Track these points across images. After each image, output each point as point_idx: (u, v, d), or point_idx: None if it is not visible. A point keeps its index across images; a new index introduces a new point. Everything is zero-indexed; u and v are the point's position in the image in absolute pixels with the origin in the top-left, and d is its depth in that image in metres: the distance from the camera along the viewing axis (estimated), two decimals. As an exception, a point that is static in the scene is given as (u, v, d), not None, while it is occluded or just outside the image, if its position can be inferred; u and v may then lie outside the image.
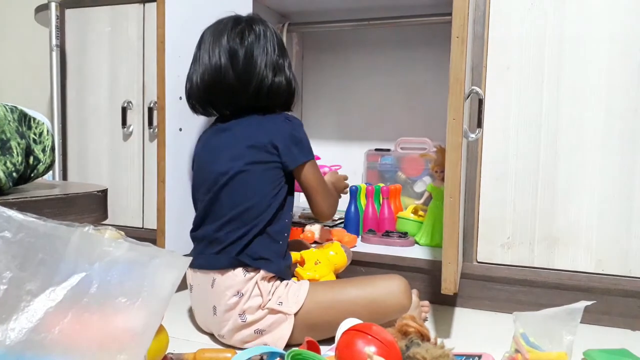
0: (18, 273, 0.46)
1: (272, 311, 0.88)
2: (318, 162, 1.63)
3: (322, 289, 0.92)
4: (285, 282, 0.93)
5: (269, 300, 0.89)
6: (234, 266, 0.90)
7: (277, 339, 0.88)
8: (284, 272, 0.94)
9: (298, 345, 0.87)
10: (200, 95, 0.98)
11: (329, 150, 1.77)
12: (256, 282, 0.89)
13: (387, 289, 0.91)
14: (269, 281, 0.91)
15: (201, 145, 1.03)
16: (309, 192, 0.99)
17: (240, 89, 0.95)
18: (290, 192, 0.99)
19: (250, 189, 0.92)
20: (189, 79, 1.00)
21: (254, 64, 0.95)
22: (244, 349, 0.90)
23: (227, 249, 0.91)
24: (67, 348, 0.46)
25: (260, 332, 0.89)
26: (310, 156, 0.97)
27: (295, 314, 0.88)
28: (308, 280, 0.98)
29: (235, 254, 0.90)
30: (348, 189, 1.25)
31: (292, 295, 0.90)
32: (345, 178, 1.21)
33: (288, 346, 0.89)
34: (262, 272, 0.90)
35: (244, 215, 0.91)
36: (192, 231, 0.99)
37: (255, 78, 0.94)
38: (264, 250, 0.91)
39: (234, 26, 0.97)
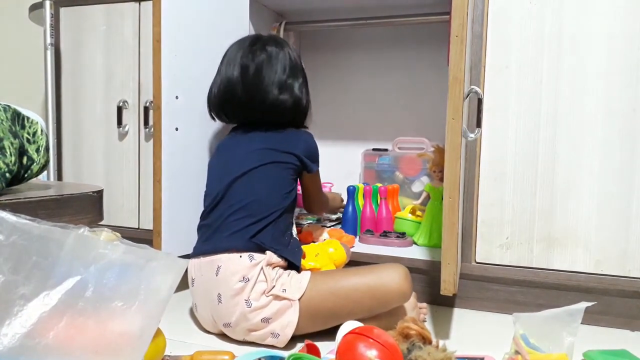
0: (11, 277, 0.45)
1: (277, 297, 0.89)
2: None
3: (324, 276, 0.94)
4: (287, 271, 0.94)
5: (273, 287, 0.90)
6: (242, 250, 0.92)
7: (285, 325, 0.89)
8: (295, 259, 0.96)
9: (301, 339, 0.87)
10: (216, 104, 1.09)
11: (326, 150, 1.76)
12: (261, 268, 0.91)
13: (388, 275, 0.92)
14: (273, 268, 0.92)
15: (218, 148, 1.09)
16: (311, 195, 1.15)
17: (247, 102, 1.04)
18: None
19: (266, 182, 0.98)
20: (210, 88, 1.10)
21: (261, 80, 1.03)
22: (250, 341, 0.91)
23: (238, 233, 0.94)
24: (62, 353, 0.45)
25: (267, 321, 0.89)
26: (318, 166, 1.09)
27: (299, 300, 0.89)
28: (310, 270, 0.99)
29: (245, 239, 0.93)
30: (343, 207, 1.42)
31: (294, 282, 0.91)
32: (342, 199, 1.41)
33: (293, 338, 0.90)
34: (267, 258, 0.92)
35: (256, 205, 0.96)
36: (200, 221, 1.03)
37: (259, 93, 1.02)
38: (273, 241, 0.95)
39: (251, 45, 1.06)
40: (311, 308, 0.90)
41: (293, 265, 0.97)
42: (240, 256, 0.91)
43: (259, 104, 1.03)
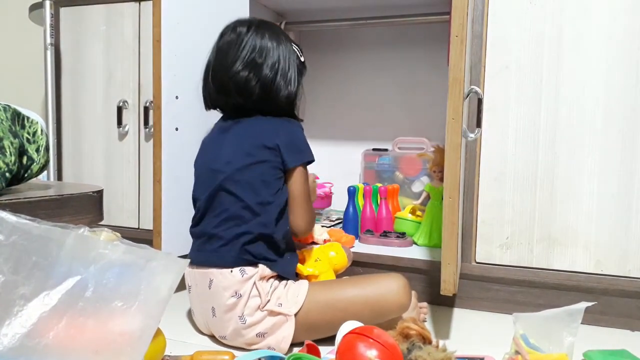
0: (11, 277, 0.45)
1: (272, 313, 0.88)
2: (316, 181, 1.60)
3: (321, 288, 0.92)
4: (284, 282, 0.92)
5: (268, 301, 0.88)
6: (232, 265, 0.89)
7: (280, 340, 0.88)
8: (287, 272, 0.93)
9: (298, 345, 0.87)
10: (202, 91, 1.04)
11: (326, 150, 1.76)
12: (254, 283, 0.88)
13: (387, 287, 0.90)
14: (267, 281, 0.90)
15: (202, 145, 1.04)
16: (293, 201, 0.96)
17: (212, 82, 0.99)
18: None
19: (250, 186, 0.92)
20: None
21: (226, 58, 0.97)
22: (246, 349, 0.90)
23: (227, 246, 0.90)
24: (62, 353, 0.45)
25: (262, 335, 0.88)
26: (308, 158, 0.97)
27: (295, 315, 0.88)
28: (308, 275, 0.98)
29: (235, 253, 0.89)
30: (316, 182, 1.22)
31: (291, 295, 0.89)
32: (314, 178, 1.18)
33: (289, 346, 0.89)
34: (260, 272, 0.89)
35: (244, 212, 0.91)
36: (191, 227, 0.99)
37: (223, 70, 0.97)
38: (265, 250, 0.91)
39: (226, 27, 1.01)
40: (308, 321, 0.88)
41: None
42: (232, 271, 0.88)
43: (222, 83, 0.97)
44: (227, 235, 0.90)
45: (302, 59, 1.04)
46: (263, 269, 0.90)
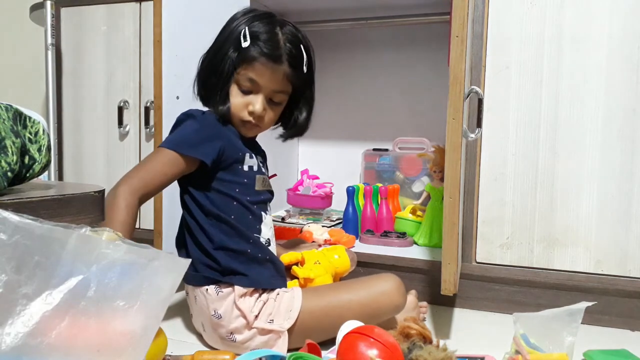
0: (13, 276, 0.45)
1: (263, 331, 0.84)
2: (316, 181, 1.60)
3: (315, 297, 0.88)
4: (275, 292, 0.87)
5: (256, 318, 0.84)
6: (204, 283, 0.85)
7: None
8: (265, 283, 0.87)
9: (295, 349, 0.87)
10: None
11: (326, 150, 1.77)
12: (234, 302, 0.83)
13: (380, 289, 0.88)
14: (250, 296, 0.85)
15: None
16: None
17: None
18: (217, 191, 0.87)
19: (181, 202, 0.90)
20: None
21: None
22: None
23: (194, 263, 0.86)
24: (65, 352, 0.45)
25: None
26: (165, 144, 0.84)
27: (289, 329, 0.84)
28: (303, 278, 0.96)
29: (200, 272, 0.86)
30: None
31: (284, 309, 0.85)
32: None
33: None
34: (236, 291, 0.84)
35: (190, 231, 0.88)
36: None
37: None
38: (232, 262, 0.85)
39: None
40: (303, 331, 0.84)
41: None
42: (207, 289, 0.85)
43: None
44: (190, 249, 0.87)
45: (244, 44, 0.88)
46: (238, 287, 0.84)
